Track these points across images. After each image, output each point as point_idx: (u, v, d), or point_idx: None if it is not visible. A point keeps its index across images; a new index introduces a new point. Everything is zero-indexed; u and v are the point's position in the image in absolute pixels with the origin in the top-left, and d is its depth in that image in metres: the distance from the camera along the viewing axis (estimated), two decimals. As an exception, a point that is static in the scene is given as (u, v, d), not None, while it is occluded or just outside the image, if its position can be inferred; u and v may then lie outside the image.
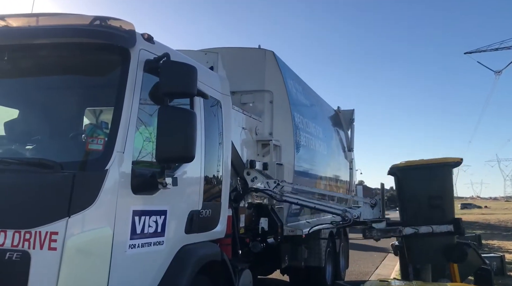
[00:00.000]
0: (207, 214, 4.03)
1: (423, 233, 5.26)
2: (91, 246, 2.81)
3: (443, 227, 5.26)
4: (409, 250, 5.51)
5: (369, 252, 16.03)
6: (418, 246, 5.36)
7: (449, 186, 5.44)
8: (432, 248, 5.32)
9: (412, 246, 5.41)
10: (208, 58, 5.29)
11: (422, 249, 5.36)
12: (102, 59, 3.37)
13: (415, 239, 5.31)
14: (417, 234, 5.26)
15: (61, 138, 3.52)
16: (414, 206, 5.38)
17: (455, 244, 5.29)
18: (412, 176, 5.43)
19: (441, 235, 5.27)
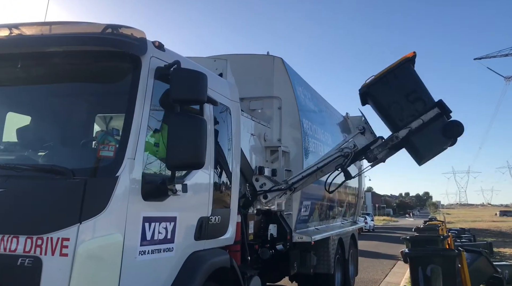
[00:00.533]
0: (217, 220, 4.03)
1: (417, 127, 5.23)
2: (101, 252, 2.82)
3: (430, 113, 5.24)
4: (415, 151, 5.46)
5: (378, 259, 15.91)
6: (420, 142, 5.30)
7: (416, 78, 5.47)
8: (432, 136, 5.27)
9: (414, 145, 5.34)
10: (217, 65, 5.33)
11: (424, 142, 5.31)
12: (114, 67, 3.41)
13: (413, 137, 5.25)
14: (411, 131, 5.23)
15: (72, 145, 3.56)
16: (396, 110, 5.37)
17: (448, 122, 5.28)
18: (382, 86, 5.46)
19: (433, 121, 5.24)
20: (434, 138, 5.33)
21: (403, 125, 5.31)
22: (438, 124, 5.29)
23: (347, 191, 9.79)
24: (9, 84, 3.71)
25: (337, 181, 5.84)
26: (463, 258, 6.88)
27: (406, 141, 5.34)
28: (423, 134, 5.28)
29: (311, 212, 7.31)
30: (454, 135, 5.32)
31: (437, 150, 5.48)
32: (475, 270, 7.31)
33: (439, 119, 5.30)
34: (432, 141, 5.36)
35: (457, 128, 5.27)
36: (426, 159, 5.54)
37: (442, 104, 5.29)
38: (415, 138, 5.29)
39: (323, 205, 7.92)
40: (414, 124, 5.25)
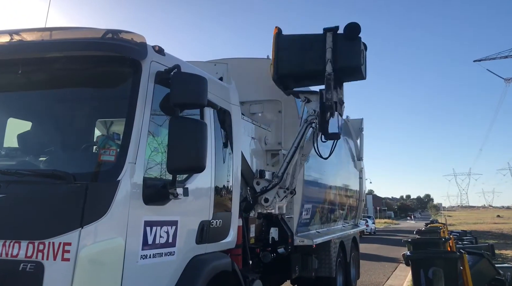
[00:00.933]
0: (218, 224, 4.03)
1: (332, 56, 5.61)
2: (103, 257, 2.83)
3: (328, 40, 5.66)
4: (350, 71, 5.80)
5: (380, 262, 15.88)
6: (344, 61, 5.64)
7: (295, 35, 5.96)
8: (345, 50, 5.65)
9: (344, 67, 5.67)
10: (217, 69, 5.34)
11: (347, 59, 5.67)
12: (114, 72, 3.42)
13: (337, 63, 5.59)
14: (331, 60, 5.59)
15: (73, 149, 3.56)
16: (309, 63, 5.81)
17: (345, 30, 5.64)
18: (282, 63, 5.87)
19: (335, 41, 5.65)
20: (347, 49, 5.63)
21: (323, 64, 5.59)
22: (341, 40, 5.63)
23: (348, 194, 9.79)
24: (10, 90, 3.72)
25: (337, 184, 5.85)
26: (465, 260, 6.87)
27: (337, 70, 5.59)
28: (339, 55, 5.61)
29: (312, 215, 7.30)
30: (356, 33, 5.64)
31: (359, 54, 5.71)
32: (477, 272, 7.29)
33: (338, 37, 5.65)
34: (349, 53, 5.65)
35: (353, 28, 5.62)
36: (361, 68, 5.77)
37: (328, 28, 5.67)
38: (340, 62, 5.60)
39: (324, 208, 7.92)
40: (328, 55, 5.58)
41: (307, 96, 5.95)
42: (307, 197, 6.75)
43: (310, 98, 5.90)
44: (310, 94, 5.97)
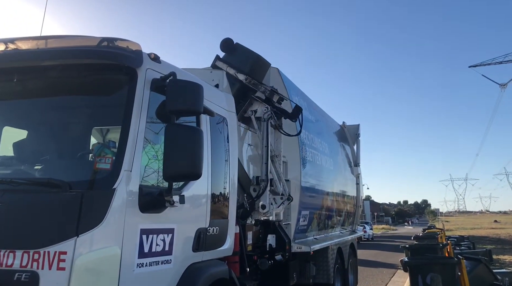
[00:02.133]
0: (215, 231, 4.01)
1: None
2: (99, 266, 2.80)
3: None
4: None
5: (378, 268, 15.84)
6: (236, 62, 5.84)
7: None
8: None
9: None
10: (213, 76, 5.35)
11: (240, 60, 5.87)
12: (110, 79, 3.42)
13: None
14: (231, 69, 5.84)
15: (69, 158, 3.55)
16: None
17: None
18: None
19: None
20: (238, 57, 5.89)
21: (236, 79, 5.76)
22: (228, 57, 5.90)
23: (345, 200, 9.78)
24: (5, 98, 3.71)
25: (335, 190, 5.74)
26: (463, 266, 6.87)
27: (249, 74, 5.78)
28: (239, 64, 5.80)
29: (310, 222, 7.29)
30: (231, 44, 5.97)
31: (248, 51, 6.00)
32: (475, 277, 7.29)
33: (225, 58, 5.91)
34: (242, 57, 5.92)
35: (227, 43, 5.94)
36: (261, 58, 6.05)
37: (213, 63, 5.87)
38: (244, 67, 5.79)
39: (321, 214, 7.91)
40: (231, 72, 5.74)
41: (250, 109, 5.97)
42: (304, 203, 6.74)
43: (253, 108, 5.94)
44: (250, 106, 5.94)
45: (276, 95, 5.95)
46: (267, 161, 5.67)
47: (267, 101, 5.89)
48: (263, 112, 5.88)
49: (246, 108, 5.91)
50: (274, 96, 5.93)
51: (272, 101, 5.93)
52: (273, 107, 5.94)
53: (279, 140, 6.18)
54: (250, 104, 5.93)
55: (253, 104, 5.91)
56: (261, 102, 5.88)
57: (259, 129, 5.88)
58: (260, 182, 5.59)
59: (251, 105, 5.93)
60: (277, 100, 5.97)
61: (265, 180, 5.58)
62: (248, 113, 5.93)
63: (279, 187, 5.82)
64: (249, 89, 5.82)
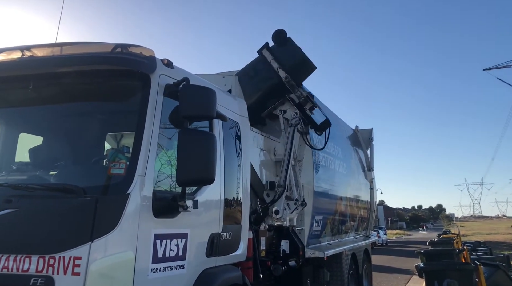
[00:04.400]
0: (228, 236, 4.00)
1: (277, 64, 5.86)
2: (113, 271, 2.81)
3: (266, 53, 5.94)
4: (298, 67, 5.91)
5: (393, 274, 15.64)
6: (286, 60, 5.87)
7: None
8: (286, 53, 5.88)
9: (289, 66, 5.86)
10: (225, 81, 5.36)
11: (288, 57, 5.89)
12: (124, 85, 3.45)
13: (283, 67, 5.81)
14: (278, 67, 5.84)
15: (84, 163, 3.58)
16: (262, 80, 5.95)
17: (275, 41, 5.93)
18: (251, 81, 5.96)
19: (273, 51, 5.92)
20: (286, 51, 5.87)
21: (276, 76, 5.75)
22: (276, 49, 5.88)
23: (359, 205, 9.68)
24: (22, 105, 3.76)
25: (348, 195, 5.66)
26: (481, 272, 6.73)
27: (289, 72, 5.73)
28: (283, 59, 5.81)
29: (323, 227, 7.22)
30: (284, 37, 5.87)
31: (298, 49, 5.95)
32: (493, 284, 7.14)
33: (272, 48, 5.90)
34: (289, 53, 5.88)
35: (279, 34, 5.83)
36: (307, 59, 5.95)
37: (260, 48, 5.86)
38: (287, 64, 5.77)
39: (335, 220, 7.84)
40: (274, 65, 5.77)
41: (280, 109, 5.95)
42: (318, 208, 6.69)
43: (283, 108, 5.92)
44: (281, 105, 5.95)
45: (310, 103, 5.84)
46: (287, 167, 5.63)
47: (299, 106, 5.80)
48: (292, 117, 5.82)
49: (277, 106, 5.85)
50: (308, 104, 5.82)
51: (304, 108, 5.83)
52: (303, 114, 5.84)
53: (302, 146, 6.12)
54: (282, 104, 5.88)
55: (285, 104, 5.86)
56: (293, 106, 5.80)
57: (284, 131, 5.84)
58: (277, 188, 5.56)
59: (282, 104, 5.88)
60: (309, 108, 5.86)
61: (283, 185, 5.54)
62: (277, 112, 5.88)
63: (295, 192, 5.78)
64: (285, 89, 5.74)
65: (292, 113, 5.82)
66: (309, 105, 5.84)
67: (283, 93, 5.78)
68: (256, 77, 5.88)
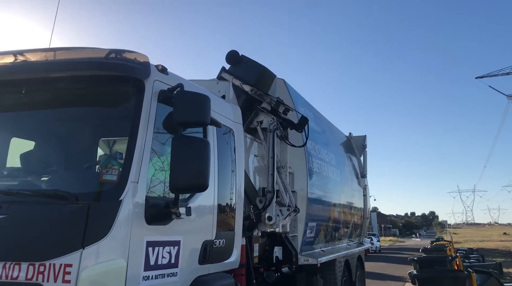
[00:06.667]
0: (221, 243, 3.98)
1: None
2: (105, 278, 2.78)
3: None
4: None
5: (386, 281, 15.65)
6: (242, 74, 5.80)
7: None
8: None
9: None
10: (220, 87, 5.35)
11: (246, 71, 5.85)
12: (117, 91, 3.43)
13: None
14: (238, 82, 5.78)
15: (76, 169, 3.55)
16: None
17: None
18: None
19: None
20: (243, 69, 5.84)
21: (242, 90, 5.71)
22: (233, 69, 5.85)
23: (352, 212, 9.69)
24: (14, 109, 3.73)
25: (341, 202, 5.70)
26: (473, 280, 6.75)
27: (254, 85, 5.74)
28: (243, 76, 5.75)
29: (317, 234, 7.21)
30: (237, 56, 5.94)
31: (252, 62, 5.97)
32: (486, 291, 7.15)
33: (230, 69, 5.86)
34: (247, 68, 5.86)
35: (232, 55, 5.90)
36: (266, 70, 6.04)
37: (219, 75, 5.82)
38: (249, 79, 5.75)
39: (328, 226, 7.83)
40: (236, 83, 5.67)
41: (256, 120, 5.94)
42: (311, 215, 6.68)
43: (259, 119, 5.93)
44: (256, 117, 5.94)
45: (282, 106, 5.95)
46: (273, 172, 5.64)
47: (273, 112, 5.88)
48: (269, 123, 5.86)
49: (252, 119, 5.91)
50: (280, 107, 5.93)
51: (278, 112, 5.92)
52: (279, 118, 5.92)
53: (285, 151, 6.17)
54: (256, 115, 5.93)
55: (259, 115, 5.90)
56: (267, 113, 5.86)
57: (265, 140, 5.86)
58: (266, 193, 5.56)
59: (257, 116, 5.92)
60: (283, 111, 5.96)
61: (271, 191, 5.54)
62: (254, 124, 5.92)
63: (285, 198, 5.78)
64: (255, 100, 5.81)
65: (268, 120, 5.88)
66: (282, 108, 5.94)
67: (254, 105, 5.86)
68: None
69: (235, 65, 5.95)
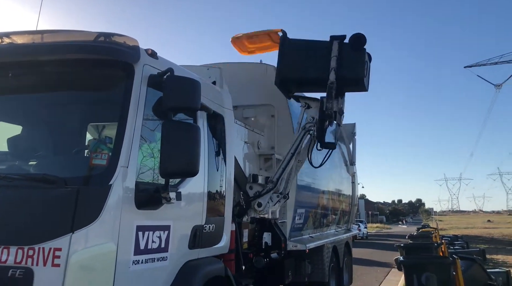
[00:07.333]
0: (211, 229, 4.00)
1: (336, 64, 5.55)
2: (94, 262, 2.78)
3: (334, 48, 5.61)
4: (351, 81, 5.69)
5: (372, 267, 15.91)
6: (347, 71, 5.59)
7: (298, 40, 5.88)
8: (350, 59, 5.62)
9: (346, 77, 5.58)
10: (210, 73, 5.32)
11: (350, 69, 5.60)
12: (106, 75, 3.39)
13: (340, 72, 5.52)
14: (335, 69, 5.56)
15: (64, 153, 3.52)
16: (312, 69, 5.74)
17: (350, 40, 5.60)
18: (285, 66, 5.80)
19: (340, 50, 5.60)
20: (352, 59, 5.59)
21: (327, 72, 5.53)
22: (346, 49, 5.59)
23: (340, 199, 9.79)
24: (0, 93, 3.67)
25: (330, 189, 5.86)
26: (458, 266, 6.89)
27: (340, 80, 5.53)
28: (344, 64, 5.56)
29: (305, 220, 7.29)
30: (362, 44, 5.61)
31: (362, 66, 5.69)
32: (470, 277, 7.31)
33: (343, 46, 5.61)
34: (353, 63, 5.59)
35: (359, 38, 5.59)
36: (363, 80, 5.73)
37: (335, 36, 5.63)
38: (343, 72, 5.54)
39: (317, 213, 7.91)
40: (332, 64, 5.52)
41: (307, 102, 5.91)
42: (300, 201, 6.74)
43: (311, 105, 5.87)
44: (310, 101, 5.92)
45: (332, 119, 5.64)
46: (286, 166, 5.62)
47: (322, 115, 5.62)
48: (308, 121, 5.76)
49: (307, 99, 5.85)
50: (330, 119, 5.63)
51: (325, 119, 5.64)
52: (319, 124, 5.68)
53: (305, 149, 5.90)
54: (312, 100, 5.87)
55: (314, 101, 5.83)
56: (318, 109, 5.68)
57: (298, 126, 5.83)
58: (268, 183, 5.56)
59: (312, 101, 5.86)
60: (328, 122, 5.67)
61: (274, 182, 5.55)
62: (302, 104, 5.89)
63: (282, 187, 5.79)
64: (323, 89, 5.56)
65: (312, 115, 5.73)
66: (330, 120, 5.66)
67: (321, 89, 5.65)
68: (311, 58, 5.74)
69: (351, 48, 5.58)
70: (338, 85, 5.57)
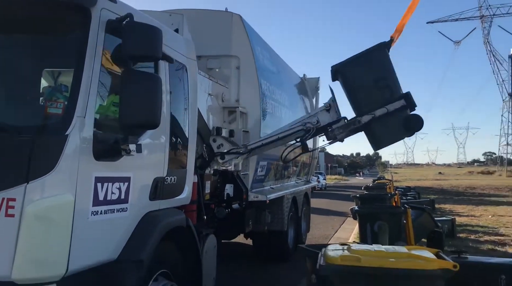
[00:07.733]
0: (172, 180, 4.00)
1: (380, 115, 5.42)
2: (51, 213, 2.73)
3: (396, 103, 5.43)
4: (374, 137, 5.69)
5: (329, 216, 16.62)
6: (380, 130, 5.54)
7: (389, 65, 5.60)
8: (392, 126, 5.52)
9: (374, 131, 5.59)
10: (173, 20, 5.10)
11: (384, 131, 5.55)
12: (62, 19, 3.17)
13: (375, 124, 5.47)
14: (374, 118, 5.43)
15: (18, 101, 3.35)
16: (364, 95, 5.55)
17: (410, 116, 5.52)
18: (354, 67, 5.61)
19: (397, 111, 5.44)
20: (395, 128, 5.52)
21: (367, 111, 5.44)
22: (401, 116, 5.46)
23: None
24: None
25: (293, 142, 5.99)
26: (409, 215, 7.30)
27: (367, 126, 5.50)
28: (385, 123, 5.45)
29: (267, 172, 7.43)
30: (415, 129, 5.55)
31: (394, 139, 5.73)
32: (419, 225, 7.80)
33: (403, 111, 5.46)
34: (392, 131, 5.55)
35: (418, 122, 5.47)
36: (382, 146, 5.77)
37: (409, 97, 5.44)
38: (376, 126, 5.47)
39: (278, 165, 8.07)
40: (378, 112, 5.40)
41: (332, 106, 5.74)
42: (263, 154, 6.83)
43: (331, 112, 5.72)
44: (335, 111, 5.75)
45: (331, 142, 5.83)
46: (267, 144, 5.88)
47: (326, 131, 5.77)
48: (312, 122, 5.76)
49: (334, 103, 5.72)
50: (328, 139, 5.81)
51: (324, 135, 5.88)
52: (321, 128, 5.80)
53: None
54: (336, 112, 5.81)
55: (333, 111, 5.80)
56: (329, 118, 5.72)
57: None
58: (242, 147, 5.68)
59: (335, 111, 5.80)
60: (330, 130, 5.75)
61: (248, 150, 5.72)
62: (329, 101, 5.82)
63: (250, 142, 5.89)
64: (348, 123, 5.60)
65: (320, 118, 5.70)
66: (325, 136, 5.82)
67: (352, 103, 5.61)
68: (373, 84, 5.56)
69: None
70: (361, 129, 5.52)
